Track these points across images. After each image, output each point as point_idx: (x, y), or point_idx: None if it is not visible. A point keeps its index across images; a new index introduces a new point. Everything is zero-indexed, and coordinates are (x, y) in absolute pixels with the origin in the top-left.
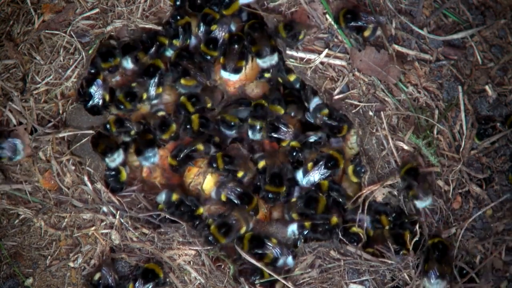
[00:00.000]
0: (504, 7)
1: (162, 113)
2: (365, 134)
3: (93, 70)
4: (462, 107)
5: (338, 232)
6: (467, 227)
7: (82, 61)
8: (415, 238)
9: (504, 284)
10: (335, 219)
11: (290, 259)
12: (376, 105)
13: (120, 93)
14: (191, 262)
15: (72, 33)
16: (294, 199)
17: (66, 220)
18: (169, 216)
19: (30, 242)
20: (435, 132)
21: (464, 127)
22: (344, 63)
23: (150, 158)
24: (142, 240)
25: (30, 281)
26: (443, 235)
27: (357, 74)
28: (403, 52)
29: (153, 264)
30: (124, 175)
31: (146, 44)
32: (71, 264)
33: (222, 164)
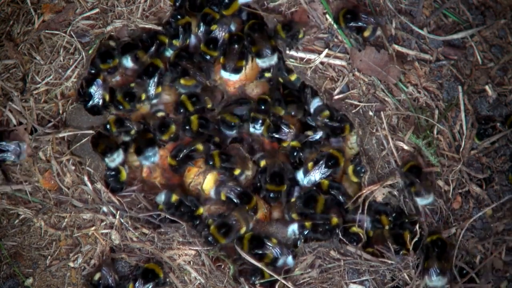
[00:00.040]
0: (504, 7)
1: (161, 113)
2: (365, 134)
3: (93, 70)
4: (462, 107)
5: (338, 232)
6: (467, 227)
7: (82, 61)
8: (415, 238)
9: (504, 284)
10: (335, 220)
11: (290, 259)
12: (376, 105)
13: (119, 93)
14: (191, 262)
15: (72, 33)
16: (294, 199)
17: (66, 220)
18: (169, 216)
19: (30, 242)
20: (435, 132)
21: (464, 127)
22: (344, 63)
23: (150, 158)
24: (142, 240)
25: (30, 281)
26: (443, 235)
27: (357, 74)
28: (403, 52)
29: (153, 264)
30: (124, 175)
31: (146, 43)
32: (71, 264)
33: (219, 162)
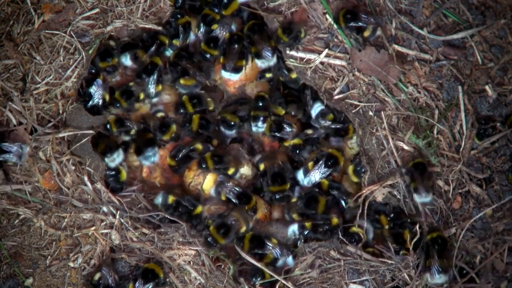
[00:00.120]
0: (504, 7)
1: (161, 114)
2: (365, 134)
3: (93, 70)
4: (462, 107)
5: (338, 232)
6: (467, 227)
7: (82, 61)
8: (415, 238)
9: (504, 284)
10: (336, 220)
11: (290, 259)
12: (376, 105)
13: (117, 91)
14: (191, 262)
15: (72, 33)
16: (295, 199)
17: (66, 220)
18: (168, 216)
19: (30, 242)
20: (435, 132)
21: (464, 127)
22: (344, 63)
23: (150, 157)
24: (142, 240)
25: (30, 281)
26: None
27: (357, 74)
28: (403, 52)
29: (153, 264)
30: (124, 175)
31: (146, 43)
32: (71, 264)
33: (212, 164)
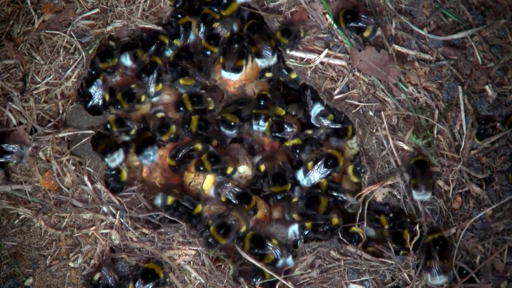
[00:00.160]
0: (504, 7)
1: (161, 114)
2: (365, 134)
3: (93, 71)
4: (462, 107)
5: (338, 232)
6: (467, 227)
7: (82, 61)
8: (415, 238)
9: (504, 284)
10: (336, 220)
11: (290, 259)
12: (376, 105)
13: (119, 93)
14: (191, 262)
15: (72, 33)
16: (295, 199)
17: (66, 220)
18: (168, 216)
19: (30, 242)
20: (435, 132)
21: (464, 127)
22: (344, 63)
23: (150, 157)
24: (142, 240)
25: (30, 281)
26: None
27: (357, 74)
28: (403, 52)
29: (153, 264)
30: (124, 175)
31: (146, 42)
32: (71, 264)
33: (209, 166)
